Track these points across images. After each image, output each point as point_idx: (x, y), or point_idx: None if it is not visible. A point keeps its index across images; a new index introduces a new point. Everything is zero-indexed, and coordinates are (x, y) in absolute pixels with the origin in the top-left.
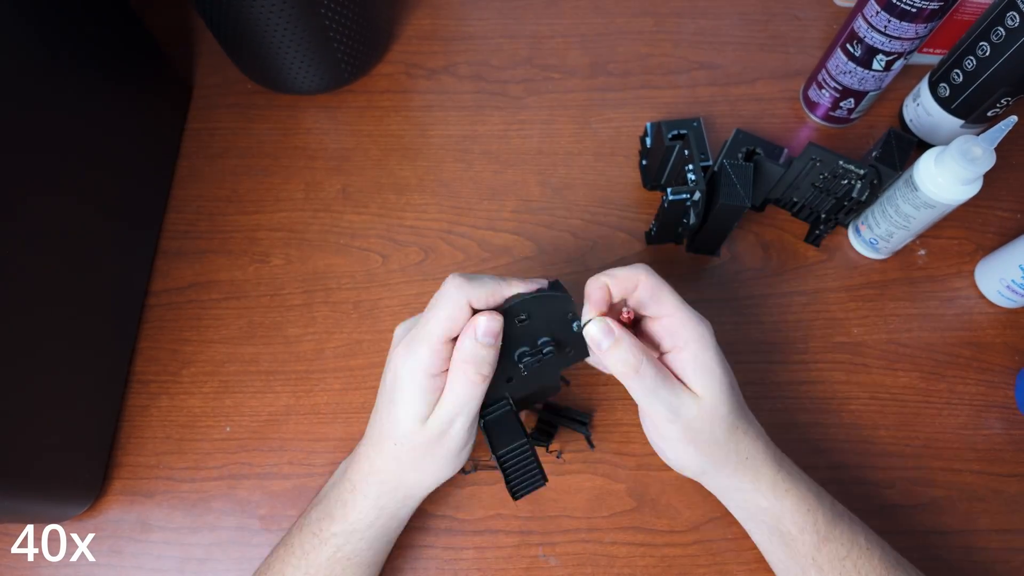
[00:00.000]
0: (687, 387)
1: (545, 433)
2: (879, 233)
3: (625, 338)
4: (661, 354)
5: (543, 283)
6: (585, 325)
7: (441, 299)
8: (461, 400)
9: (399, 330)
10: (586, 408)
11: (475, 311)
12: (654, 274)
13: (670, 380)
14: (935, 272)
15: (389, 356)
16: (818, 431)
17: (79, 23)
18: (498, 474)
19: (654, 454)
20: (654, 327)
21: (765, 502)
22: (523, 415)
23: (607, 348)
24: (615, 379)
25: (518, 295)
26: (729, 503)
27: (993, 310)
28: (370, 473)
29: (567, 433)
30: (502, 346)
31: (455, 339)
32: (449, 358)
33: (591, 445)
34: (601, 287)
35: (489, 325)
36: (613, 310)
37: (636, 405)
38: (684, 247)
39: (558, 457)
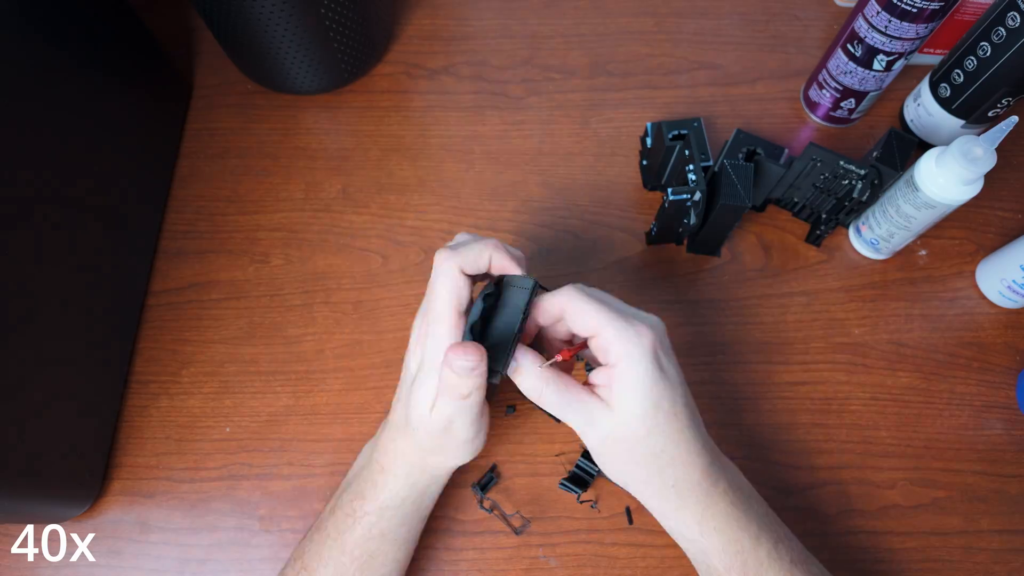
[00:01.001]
0: (607, 404)
1: (580, 481)
2: (880, 233)
3: (523, 367)
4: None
5: (519, 254)
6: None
7: (438, 275)
8: (452, 408)
9: (417, 320)
10: None
11: (472, 277)
12: (580, 295)
13: (578, 400)
14: (936, 272)
15: (410, 346)
16: (819, 431)
17: (79, 23)
18: (497, 479)
19: None
20: (593, 344)
21: (690, 534)
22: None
23: (515, 377)
24: None
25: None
26: (660, 522)
27: (994, 310)
28: (396, 455)
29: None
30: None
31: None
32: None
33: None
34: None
35: (460, 362)
36: (554, 338)
37: None
38: (684, 247)
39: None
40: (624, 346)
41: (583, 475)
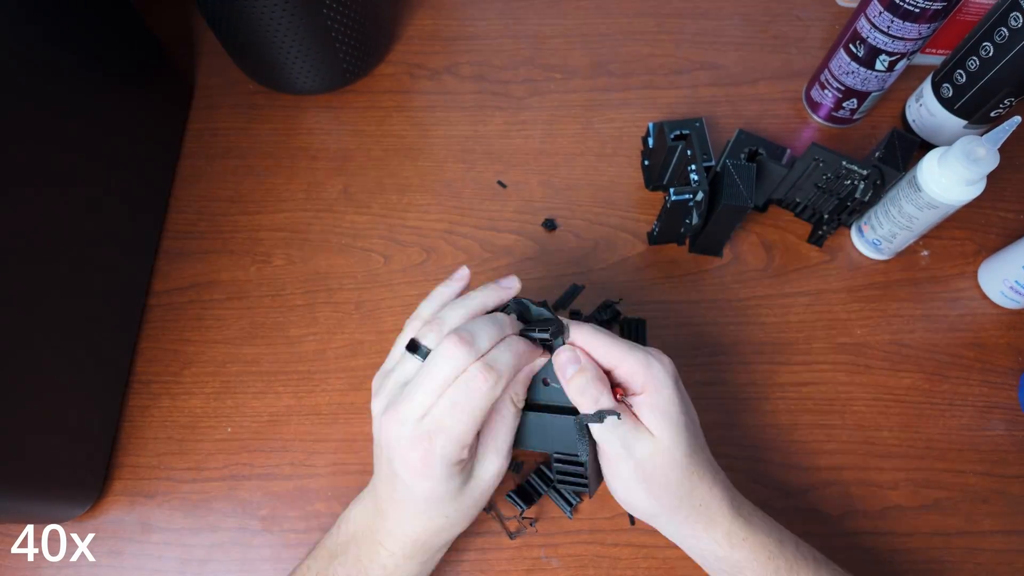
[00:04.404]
0: (645, 427)
1: (526, 496)
2: (882, 234)
3: (589, 369)
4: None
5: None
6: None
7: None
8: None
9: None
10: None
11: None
12: (594, 331)
13: (627, 417)
14: (938, 273)
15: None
16: (821, 432)
17: (81, 23)
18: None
19: None
20: (618, 374)
21: (721, 551)
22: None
23: (570, 376)
24: None
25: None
26: (686, 549)
27: (996, 311)
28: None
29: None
30: None
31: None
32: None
33: (569, 515)
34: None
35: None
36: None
37: None
38: (686, 248)
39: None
40: (650, 372)
41: (530, 490)
